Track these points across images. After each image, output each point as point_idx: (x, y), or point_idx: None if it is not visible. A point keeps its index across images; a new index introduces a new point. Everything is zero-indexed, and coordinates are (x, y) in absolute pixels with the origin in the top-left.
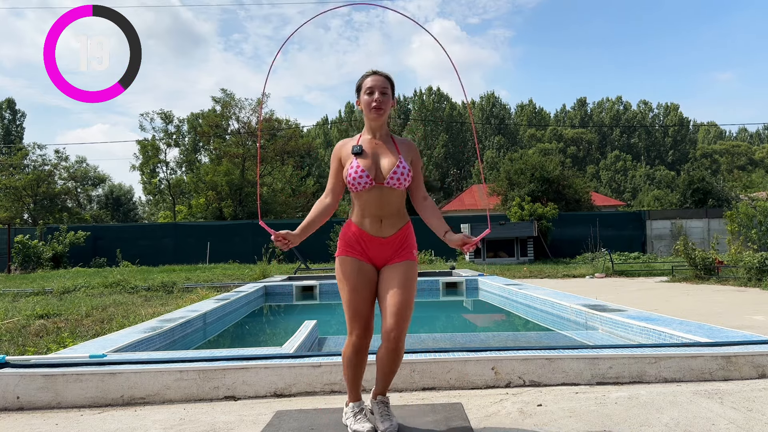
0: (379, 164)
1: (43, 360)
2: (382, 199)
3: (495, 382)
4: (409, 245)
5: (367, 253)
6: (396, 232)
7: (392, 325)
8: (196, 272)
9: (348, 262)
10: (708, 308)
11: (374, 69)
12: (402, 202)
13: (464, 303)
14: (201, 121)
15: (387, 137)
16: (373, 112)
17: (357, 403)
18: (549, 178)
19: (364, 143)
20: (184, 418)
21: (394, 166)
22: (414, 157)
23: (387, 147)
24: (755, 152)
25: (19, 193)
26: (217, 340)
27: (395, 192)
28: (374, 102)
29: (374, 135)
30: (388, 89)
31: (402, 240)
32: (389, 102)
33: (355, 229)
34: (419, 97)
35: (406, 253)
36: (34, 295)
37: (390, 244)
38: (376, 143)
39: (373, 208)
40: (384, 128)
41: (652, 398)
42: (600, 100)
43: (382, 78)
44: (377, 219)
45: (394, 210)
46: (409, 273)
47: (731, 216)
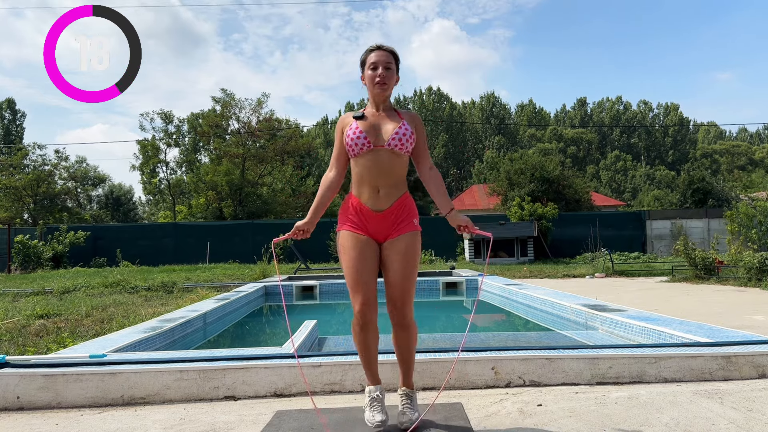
0: (380, 129)
1: (43, 360)
2: (381, 165)
3: (495, 382)
4: (408, 215)
5: (366, 227)
6: (393, 203)
7: (396, 300)
8: (196, 272)
9: (348, 236)
10: (708, 308)
11: (378, 44)
12: (402, 173)
13: (464, 303)
14: (201, 121)
15: (390, 110)
16: (377, 87)
17: (373, 387)
18: (549, 178)
19: (367, 114)
20: (184, 418)
21: (396, 128)
22: (418, 126)
23: (389, 117)
24: (755, 152)
25: (19, 193)
26: (217, 340)
27: (396, 158)
28: (378, 77)
29: (377, 108)
30: (392, 64)
31: (399, 211)
32: (393, 77)
33: (354, 202)
34: (419, 97)
35: (406, 225)
36: (34, 295)
37: (388, 217)
38: (379, 114)
39: (371, 175)
40: (387, 102)
41: (652, 398)
42: (600, 100)
43: (386, 53)
44: (375, 188)
45: (394, 178)
46: (410, 245)
47: (731, 216)
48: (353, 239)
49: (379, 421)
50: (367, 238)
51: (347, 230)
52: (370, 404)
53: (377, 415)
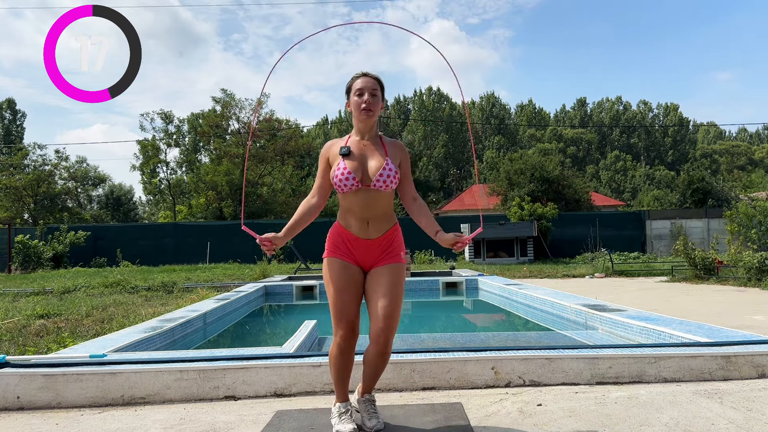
0: (366, 166)
1: (43, 360)
2: (369, 201)
3: (495, 382)
4: (396, 247)
5: (353, 254)
6: (382, 234)
7: (381, 329)
8: (196, 272)
9: (334, 263)
10: (708, 308)
11: (363, 71)
12: (389, 205)
13: (464, 303)
14: (201, 121)
15: (376, 138)
16: (363, 114)
17: (343, 403)
18: (549, 178)
19: (352, 144)
20: (185, 418)
21: (381, 168)
22: (402, 157)
23: (375, 148)
24: (755, 152)
25: (20, 193)
26: (217, 340)
27: (382, 194)
28: (364, 103)
29: (363, 136)
30: (378, 91)
31: (389, 242)
32: (379, 103)
33: (341, 231)
34: (419, 97)
35: (393, 256)
36: (35, 295)
37: (376, 246)
38: (364, 144)
39: (359, 210)
40: (373, 130)
41: (651, 398)
42: (600, 100)
43: (372, 80)
44: (363, 221)
45: (381, 212)
46: (397, 275)
47: (731, 216)
48: (339, 267)
49: (351, 429)
50: (352, 266)
51: (333, 257)
52: (340, 417)
53: (348, 425)
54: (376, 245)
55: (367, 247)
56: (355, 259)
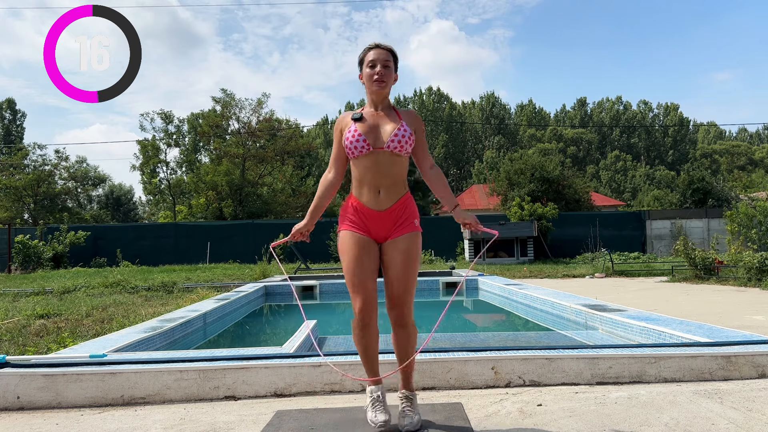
0: (379, 130)
1: (43, 360)
2: (380, 166)
3: (495, 382)
4: (409, 215)
5: (367, 227)
6: (394, 203)
7: (395, 300)
8: (196, 272)
9: (348, 236)
10: (708, 308)
11: (376, 42)
12: (402, 173)
13: (464, 303)
14: (201, 121)
15: (389, 109)
16: (375, 84)
17: (375, 387)
18: (549, 178)
19: (366, 115)
20: (185, 418)
21: (395, 130)
22: (417, 126)
23: (388, 117)
24: (755, 152)
25: (20, 193)
26: (217, 340)
27: (395, 159)
28: (376, 75)
29: (376, 107)
30: (390, 62)
31: (401, 211)
32: (392, 75)
33: (354, 202)
34: (419, 97)
35: (407, 225)
36: (35, 295)
37: (388, 217)
38: (378, 114)
39: (371, 176)
40: (386, 101)
41: (652, 398)
42: (600, 100)
43: (385, 51)
44: (375, 189)
45: (393, 180)
46: (411, 246)
47: (731, 216)
48: (353, 239)
49: (382, 421)
50: (367, 238)
51: (347, 230)
52: (372, 404)
53: (380, 415)
54: (388, 216)
55: (380, 219)
56: (370, 231)
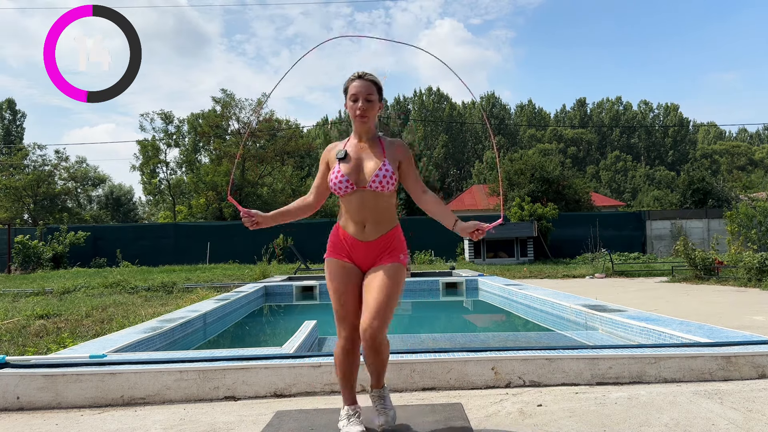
0: (362, 168)
1: (43, 360)
2: (364, 203)
3: (495, 382)
4: (395, 249)
5: (352, 256)
6: (380, 236)
7: (367, 323)
8: (196, 272)
9: (334, 264)
10: (708, 308)
11: (360, 72)
12: (389, 207)
13: (464, 303)
14: (201, 121)
15: (374, 140)
16: (357, 120)
17: (351, 406)
18: (549, 178)
19: (350, 147)
20: (184, 418)
21: (377, 169)
22: (403, 156)
23: (372, 150)
24: (755, 152)
25: (19, 194)
26: (217, 341)
27: (378, 196)
28: (358, 110)
29: (360, 138)
30: (373, 95)
31: (386, 244)
32: (375, 107)
33: (341, 232)
34: (419, 97)
35: (392, 257)
36: (34, 295)
37: (374, 248)
38: (362, 146)
39: (356, 213)
40: (371, 131)
41: (652, 398)
42: (600, 101)
43: (367, 83)
44: (360, 223)
45: (378, 215)
46: (392, 274)
47: (731, 216)
48: (338, 268)
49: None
50: (351, 265)
51: (333, 258)
52: (349, 419)
53: (357, 427)
54: (374, 247)
55: (366, 249)
56: (354, 260)
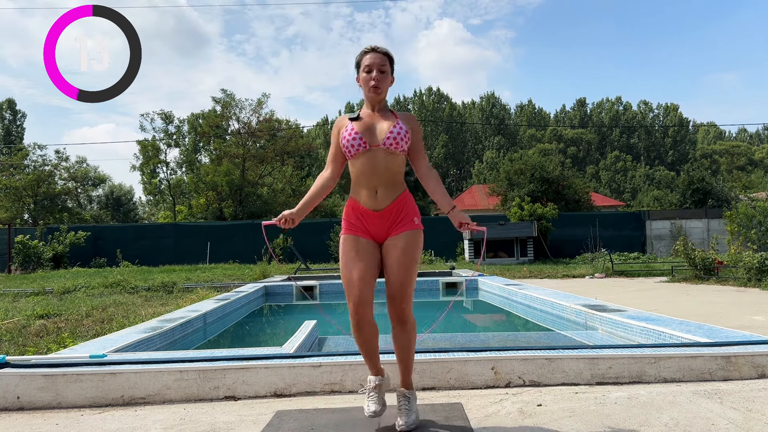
0: (375, 129)
1: (43, 360)
2: (377, 164)
3: (495, 382)
4: (408, 214)
5: (367, 228)
6: (391, 202)
7: (393, 297)
8: (196, 272)
9: (348, 239)
10: (708, 308)
11: (372, 45)
12: (399, 171)
13: (464, 303)
14: (201, 121)
15: (386, 110)
16: (371, 90)
17: (375, 378)
18: (549, 178)
19: (363, 115)
20: (185, 418)
21: (390, 127)
22: (414, 128)
23: (385, 117)
24: (755, 152)
25: (20, 194)
26: (217, 340)
27: (391, 156)
28: (372, 80)
29: (373, 109)
30: (386, 66)
31: (399, 210)
32: (388, 79)
33: (354, 205)
34: (419, 97)
35: (406, 223)
36: (35, 295)
37: (387, 216)
38: (375, 114)
39: (368, 176)
40: (383, 103)
41: (651, 398)
42: (600, 101)
43: (381, 55)
44: (372, 188)
45: (390, 178)
46: (409, 241)
47: (731, 216)
48: (352, 242)
49: (372, 411)
50: (365, 240)
51: (347, 234)
52: (368, 394)
53: (372, 405)
54: (387, 215)
55: (379, 219)
56: (370, 233)
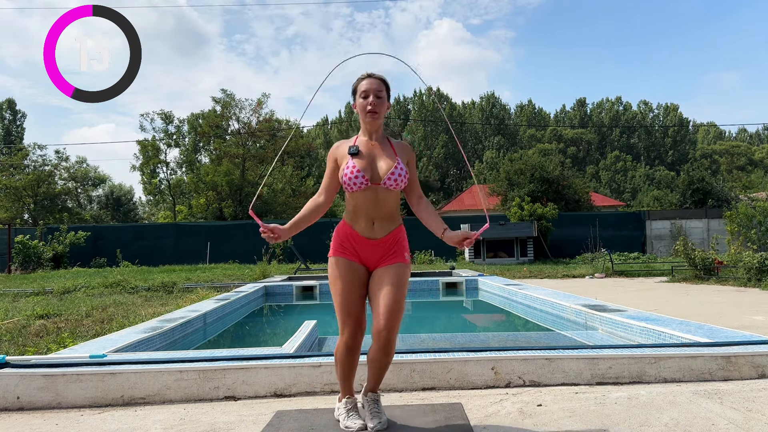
0: (375, 165)
1: (43, 360)
2: (377, 200)
3: (495, 382)
4: (401, 248)
5: (358, 254)
6: (387, 234)
7: (383, 325)
8: (196, 272)
9: (340, 262)
10: (708, 308)
11: (369, 72)
12: (396, 205)
13: (464, 303)
14: (201, 121)
15: (383, 139)
16: (368, 116)
17: (350, 399)
18: (549, 178)
19: (360, 144)
20: (185, 418)
21: (392, 168)
22: (409, 158)
23: (383, 149)
24: (755, 152)
25: (20, 194)
26: (217, 340)
27: (390, 193)
28: (369, 106)
29: (370, 137)
30: (383, 92)
31: (393, 242)
32: (384, 105)
33: (347, 230)
34: (419, 97)
35: (398, 256)
36: (35, 295)
37: (381, 246)
38: (373, 144)
39: (367, 209)
40: (380, 130)
41: (651, 398)
42: (600, 101)
43: (377, 81)
44: (370, 220)
45: (388, 212)
46: (401, 274)
47: (731, 216)
48: (344, 267)
49: (359, 426)
50: (356, 264)
51: (338, 256)
52: (348, 412)
53: (357, 421)
54: (380, 245)
55: (372, 247)
56: (360, 258)
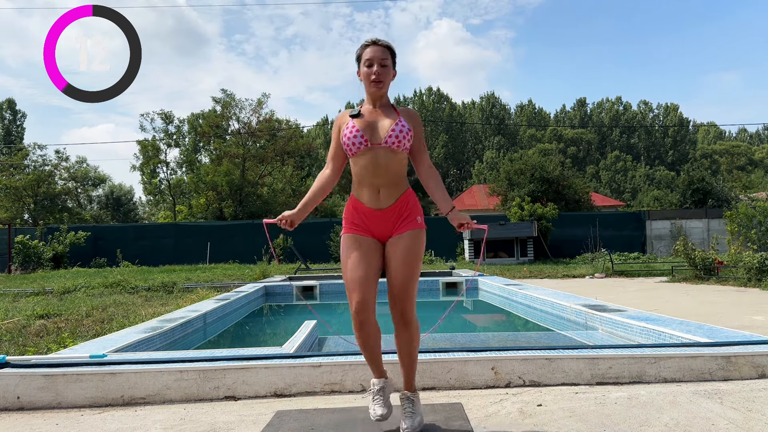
0: (376, 126)
1: (43, 360)
2: (379, 164)
3: (495, 382)
4: (411, 213)
5: (369, 227)
6: (394, 201)
7: (396, 297)
8: (196, 272)
9: (349, 238)
10: (708, 308)
11: (374, 38)
12: (401, 170)
13: (464, 303)
14: (201, 121)
15: (388, 107)
16: (372, 85)
17: (378, 380)
18: (549, 178)
19: (364, 112)
20: (185, 418)
21: (393, 125)
22: (416, 123)
23: (387, 114)
24: (755, 152)
25: (20, 194)
26: (217, 340)
27: (394, 156)
28: (373, 75)
29: (374, 105)
30: (388, 60)
31: (401, 209)
32: (389, 73)
33: (355, 204)
34: (419, 97)
35: (409, 222)
36: (35, 295)
37: (390, 215)
38: (376, 111)
39: (370, 174)
40: (385, 98)
41: (651, 398)
42: (600, 101)
43: (382, 48)
44: (374, 188)
45: (392, 178)
46: (413, 243)
47: (731, 216)
48: (354, 241)
49: (379, 415)
50: (368, 238)
51: (348, 233)
52: (373, 397)
53: (378, 408)
54: (389, 214)
55: (382, 218)
56: (372, 232)
